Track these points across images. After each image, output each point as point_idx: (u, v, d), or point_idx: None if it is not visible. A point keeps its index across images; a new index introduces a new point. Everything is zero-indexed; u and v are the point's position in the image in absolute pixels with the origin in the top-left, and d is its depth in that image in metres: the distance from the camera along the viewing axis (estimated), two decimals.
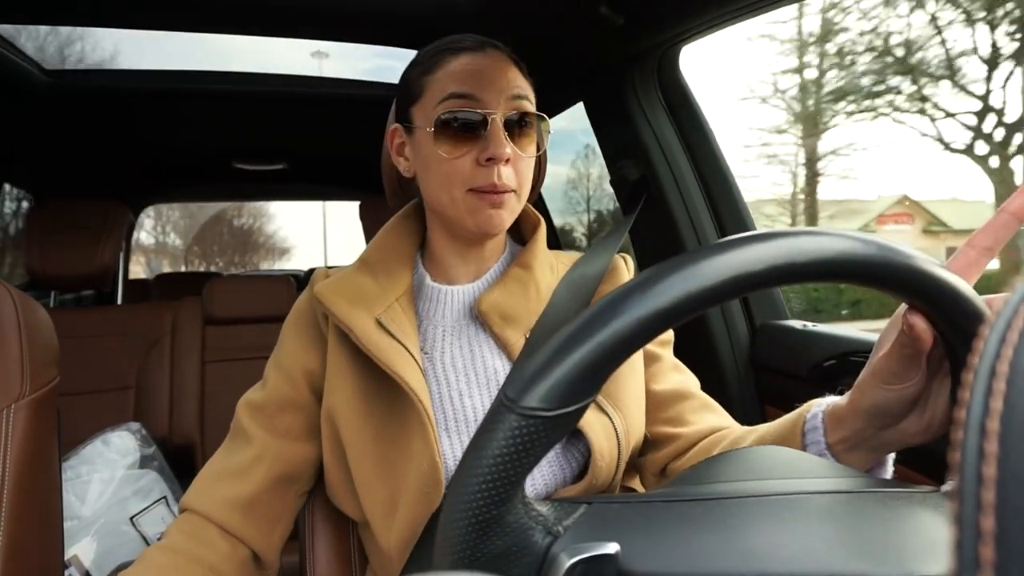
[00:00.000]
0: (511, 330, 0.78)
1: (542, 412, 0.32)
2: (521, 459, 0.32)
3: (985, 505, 0.16)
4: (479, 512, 0.33)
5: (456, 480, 0.34)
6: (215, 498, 0.76)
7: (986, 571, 0.15)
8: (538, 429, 0.32)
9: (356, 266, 0.82)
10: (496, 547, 0.33)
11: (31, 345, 0.83)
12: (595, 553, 0.32)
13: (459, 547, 0.33)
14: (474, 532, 0.33)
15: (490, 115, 0.72)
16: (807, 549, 0.32)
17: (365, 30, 1.49)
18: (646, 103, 1.36)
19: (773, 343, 1.26)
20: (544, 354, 0.33)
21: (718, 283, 0.33)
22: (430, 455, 0.70)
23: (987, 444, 0.16)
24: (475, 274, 0.83)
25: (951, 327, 0.40)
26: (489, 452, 0.32)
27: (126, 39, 2.96)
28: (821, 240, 0.35)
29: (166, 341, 2.05)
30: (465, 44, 0.77)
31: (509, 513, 0.34)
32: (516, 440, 0.32)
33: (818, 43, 8.55)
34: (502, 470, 0.32)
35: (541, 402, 0.32)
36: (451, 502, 0.33)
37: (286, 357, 0.82)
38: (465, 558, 0.33)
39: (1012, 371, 0.17)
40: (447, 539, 0.33)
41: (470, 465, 0.33)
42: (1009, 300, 0.19)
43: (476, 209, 0.74)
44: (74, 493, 1.38)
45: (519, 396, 0.32)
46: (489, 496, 0.33)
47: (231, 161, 2.60)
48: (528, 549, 0.34)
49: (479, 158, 0.72)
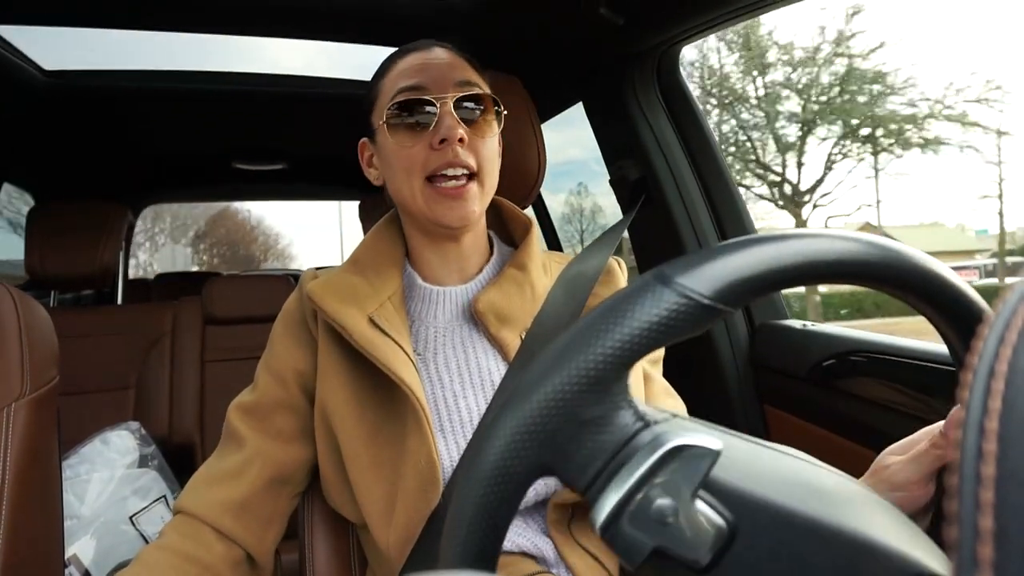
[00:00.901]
0: (507, 331, 0.78)
1: (697, 296, 0.32)
2: (656, 333, 0.32)
3: (984, 504, 0.16)
4: (596, 370, 0.32)
5: (580, 333, 0.33)
6: (209, 501, 0.76)
7: (985, 570, 0.15)
8: (685, 312, 0.32)
9: (346, 266, 0.82)
10: (589, 412, 0.33)
11: (31, 345, 0.83)
12: (700, 444, 0.32)
13: (559, 397, 0.33)
14: (582, 386, 0.33)
15: (439, 99, 0.73)
16: (868, 523, 0.32)
17: (364, 31, 1.49)
18: (645, 103, 1.36)
19: (772, 343, 1.26)
20: (721, 249, 0.34)
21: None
22: (427, 452, 0.70)
23: (986, 444, 0.16)
24: (461, 274, 0.83)
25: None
26: (632, 317, 0.32)
27: (125, 39, 2.95)
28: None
29: (166, 341, 2.04)
30: (412, 47, 0.80)
31: (617, 382, 0.33)
32: (662, 314, 0.32)
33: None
34: (635, 337, 0.32)
35: (700, 286, 0.32)
36: (568, 352, 0.33)
37: (276, 359, 0.82)
38: (559, 410, 0.33)
39: (1011, 371, 0.17)
40: (550, 385, 0.33)
41: (601, 320, 0.33)
42: (1007, 301, 0.19)
43: (434, 201, 0.74)
44: (73, 492, 1.38)
45: (676, 274, 0.33)
46: (613, 359, 0.32)
47: (231, 161, 2.60)
48: (615, 426, 0.34)
49: (432, 142, 0.73)
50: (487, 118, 0.77)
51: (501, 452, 0.33)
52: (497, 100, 0.79)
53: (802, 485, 0.34)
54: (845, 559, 0.31)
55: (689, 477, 0.31)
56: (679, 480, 0.31)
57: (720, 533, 0.31)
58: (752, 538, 0.32)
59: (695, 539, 0.31)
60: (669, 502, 0.31)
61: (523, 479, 0.34)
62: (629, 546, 0.31)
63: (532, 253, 0.84)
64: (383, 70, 0.80)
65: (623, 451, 0.33)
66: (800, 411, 1.12)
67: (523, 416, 0.33)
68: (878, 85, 13.03)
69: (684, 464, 0.32)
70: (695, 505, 0.31)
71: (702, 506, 0.31)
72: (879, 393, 0.96)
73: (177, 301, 2.12)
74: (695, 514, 0.31)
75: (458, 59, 0.79)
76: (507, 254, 0.88)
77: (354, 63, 1.84)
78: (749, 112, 13.22)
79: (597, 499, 0.32)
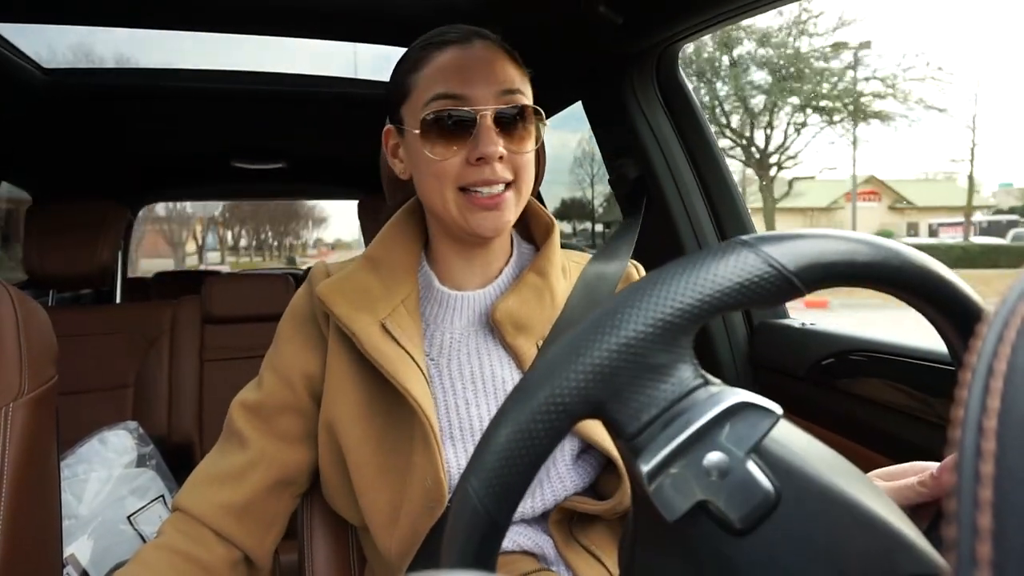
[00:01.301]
0: (523, 339, 0.76)
1: (780, 267, 0.33)
2: (735, 295, 0.32)
3: (983, 503, 0.16)
4: (671, 318, 0.32)
5: (661, 280, 0.33)
6: (210, 501, 0.75)
7: (984, 569, 0.15)
8: (766, 280, 0.33)
9: (360, 263, 0.79)
10: (656, 358, 0.33)
11: (29, 344, 0.83)
12: (764, 404, 0.32)
13: (632, 337, 0.33)
14: (656, 333, 0.33)
15: (479, 113, 0.69)
16: (903, 520, 0.33)
17: (364, 30, 1.49)
18: (644, 102, 1.36)
19: (772, 341, 1.26)
20: (802, 232, 0.34)
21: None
22: (434, 471, 0.69)
23: (984, 442, 0.16)
24: (483, 279, 0.80)
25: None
26: (714, 274, 0.32)
27: (124, 38, 2.96)
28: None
29: (165, 340, 2.04)
30: (450, 37, 0.73)
31: (687, 335, 0.33)
32: (744, 277, 0.32)
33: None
34: (715, 294, 0.32)
35: (784, 258, 0.33)
36: (648, 296, 0.33)
37: (283, 359, 0.79)
38: (628, 349, 0.33)
39: (1010, 370, 0.17)
40: (627, 325, 0.33)
41: (683, 274, 0.33)
42: (1006, 299, 0.19)
43: (468, 211, 0.71)
44: (71, 492, 1.38)
45: (762, 243, 0.33)
46: (689, 311, 0.32)
47: (230, 160, 2.60)
48: (676, 378, 0.33)
49: (469, 157, 0.69)
50: (528, 127, 0.73)
51: (559, 383, 0.33)
52: (539, 110, 0.74)
53: (843, 469, 0.34)
54: (880, 548, 0.31)
55: (747, 436, 0.31)
56: (737, 438, 0.31)
57: (766, 498, 0.31)
58: (794, 509, 0.32)
59: (741, 500, 0.31)
60: (724, 458, 0.31)
61: (573, 414, 0.33)
62: (673, 496, 0.31)
63: (553, 258, 0.81)
64: (418, 62, 0.74)
65: (680, 403, 0.33)
66: (799, 410, 1.12)
67: (590, 350, 0.33)
68: (834, 62, 14.03)
69: (744, 422, 0.32)
70: (748, 465, 0.31)
71: (753, 468, 0.31)
72: (878, 392, 0.96)
73: (176, 300, 2.12)
74: (747, 474, 0.31)
75: (500, 56, 0.73)
76: (527, 254, 0.85)
77: (354, 62, 1.84)
78: (722, 82, 14.07)
79: (646, 447, 0.32)
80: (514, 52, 0.76)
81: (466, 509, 0.34)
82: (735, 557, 0.31)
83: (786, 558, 0.31)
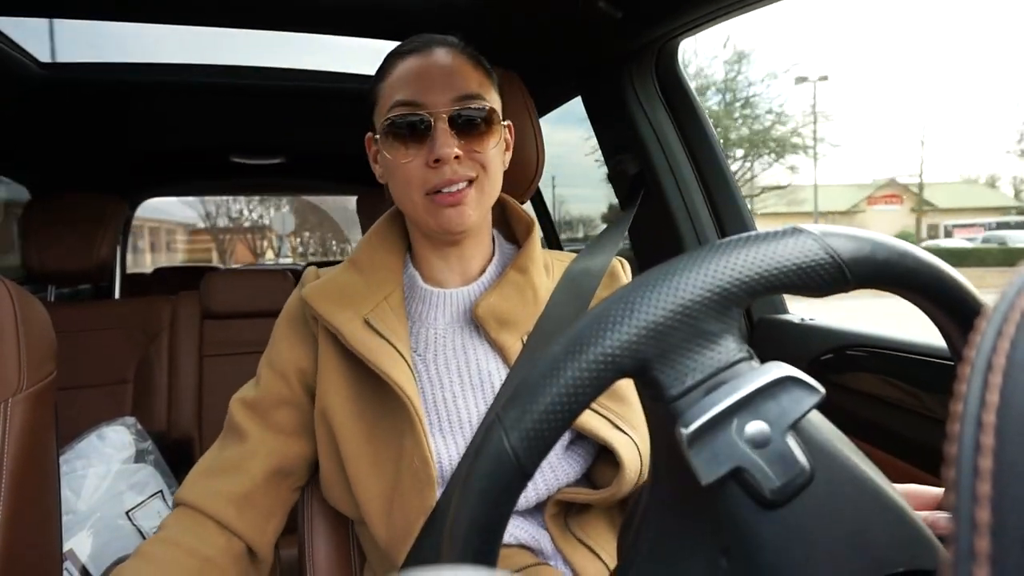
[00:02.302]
0: (507, 334, 0.78)
1: (837, 256, 0.33)
2: (790, 276, 0.33)
3: (981, 497, 0.16)
4: (728, 288, 0.33)
5: (721, 250, 0.34)
6: (210, 493, 0.77)
7: (982, 563, 0.15)
8: (822, 266, 0.33)
9: (344, 266, 0.82)
10: (707, 325, 0.33)
11: (28, 339, 0.83)
12: (809, 381, 0.32)
13: (688, 300, 0.33)
14: (711, 296, 0.33)
15: (432, 116, 0.72)
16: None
17: (364, 25, 1.48)
18: (644, 98, 1.36)
19: (771, 337, 1.26)
20: (859, 232, 0.35)
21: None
22: (420, 452, 0.71)
23: (983, 437, 0.16)
24: (463, 276, 0.82)
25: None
26: (774, 253, 0.33)
27: (122, 32, 2.95)
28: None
29: (164, 335, 2.04)
30: (412, 47, 0.77)
31: (738, 306, 0.34)
32: (802, 260, 0.33)
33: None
34: (771, 271, 0.33)
35: (843, 249, 0.34)
36: (707, 263, 0.33)
37: (278, 356, 0.82)
38: (684, 312, 0.33)
39: (1008, 364, 0.17)
40: (683, 287, 0.33)
41: (742, 247, 0.34)
42: (1005, 294, 0.19)
43: (435, 211, 0.74)
44: (70, 488, 1.38)
45: (822, 231, 0.34)
46: (746, 283, 0.33)
47: (228, 155, 2.59)
48: (724, 346, 0.34)
49: (428, 160, 0.72)
50: (489, 128, 0.75)
51: (615, 337, 0.33)
52: (496, 111, 0.77)
53: (868, 462, 0.35)
54: (905, 538, 0.32)
55: (790, 410, 0.32)
56: (780, 411, 0.32)
57: (801, 473, 0.32)
58: (826, 488, 0.32)
59: (777, 472, 0.31)
60: (766, 428, 0.31)
61: (622, 369, 0.33)
62: (710, 459, 0.31)
63: (533, 255, 0.83)
64: (383, 71, 0.78)
65: (725, 372, 0.34)
66: None
67: (646, 307, 0.33)
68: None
69: (789, 396, 0.32)
70: (787, 439, 0.32)
71: (792, 442, 0.32)
72: (878, 388, 0.96)
73: (175, 295, 2.12)
74: (785, 447, 0.32)
75: (460, 61, 0.76)
76: (509, 253, 0.87)
77: (353, 57, 1.83)
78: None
79: (689, 409, 0.32)
80: (478, 56, 0.79)
81: (496, 453, 0.33)
82: (762, 530, 0.32)
83: (813, 535, 0.32)
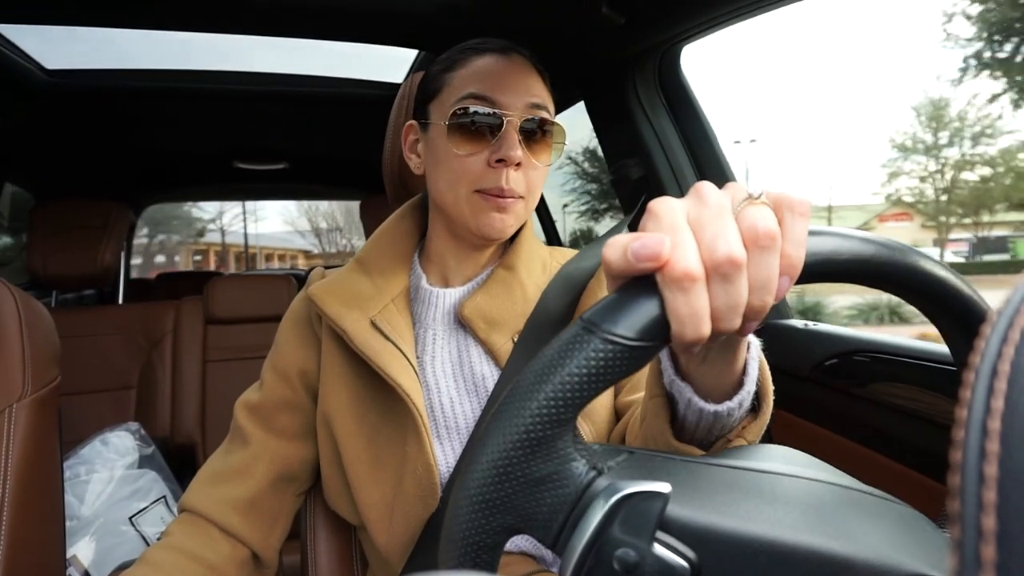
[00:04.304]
0: (497, 335, 0.77)
1: (624, 340, 0.32)
2: (592, 383, 0.32)
3: (987, 504, 0.16)
4: (534, 429, 0.32)
5: (515, 395, 0.33)
6: (215, 499, 0.76)
7: (988, 570, 0.15)
8: (616, 356, 0.32)
9: (351, 266, 0.81)
10: (539, 470, 0.33)
11: (32, 345, 0.83)
12: (648, 489, 0.32)
13: (504, 463, 0.32)
14: (524, 449, 0.32)
15: (506, 117, 0.71)
16: (839, 532, 0.32)
17: (367, 29, 1.49)
18: (647, 102, 1.36)
19: (775, 342, 1.26)
20: (636, 288, 0.33)
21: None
22: (424, 459, 0.70)
23: (989, 443, 0.16)
24: (469, 277, 0.81)
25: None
26: (563, 370, 0.32)
27: (127, 39, 2.95)
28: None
29: (167, 340, 2.05)
30: (490, 46, 0.77)
31: (561, 438, 0.33)
32: (594, 363, 0.32)
33: None
34: (571, 390, 0.32)
35: (626, 330, 0.32)
36: (506, 417, 0.33)
37: (281, 358, 0.82)
38: (508, 475, 0.32)
39: (1014, 370, 0.17)
40: (494, 453, 0.33)
41: (533, 381, 0.32)
42: (1010, 299, 0.19)
43: (480, 210, 0.73)
44: (73, 493, 1.38)
45: (602, 321, 0.33)
46: (550, 415, 0.32)
47: (232, 160, 2.60)
48: (569, 480, 0.33)
49: (490, 159, 0.71)
50: (548, 142, 0.75)
51: (468, 520, 0.33)
52: (562, 128, 0.77)
53: (767, 505, 0.33)
54: (821, 574, 0.31)
55: (643, 524, 0.31)
56: (634, 529, 0.31)
57: (686, 572, 0.31)
58: (719, 567, 0.31)
59: None
60: (629, 552, 0.31)
61: (494, 543, 0.33)
62: None
63: (521, 252, 0.82)
64: (455, 63, 0.76)
65: (581, 501, 0.33)
66: (802, 411, 1.11)
67: (478, 485, 0.33)
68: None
69: (636, 511, 0.31)
70: (655, 550, 0.31)
71: (662, 550, 0.31)
72: (881, 393, 0.96)
73: (179, 301, 2.13)
74: (657, 560, 0.31)
75: (534, 73, 0.76)
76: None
77: (355, 63, 1.84)
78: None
79: (563, 553, 0.32)
80: (545, 72, 0.79)
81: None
82: None
83: None
